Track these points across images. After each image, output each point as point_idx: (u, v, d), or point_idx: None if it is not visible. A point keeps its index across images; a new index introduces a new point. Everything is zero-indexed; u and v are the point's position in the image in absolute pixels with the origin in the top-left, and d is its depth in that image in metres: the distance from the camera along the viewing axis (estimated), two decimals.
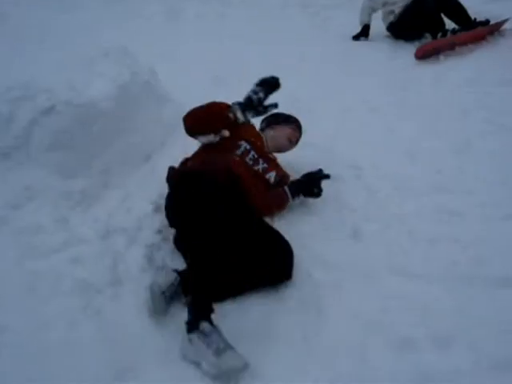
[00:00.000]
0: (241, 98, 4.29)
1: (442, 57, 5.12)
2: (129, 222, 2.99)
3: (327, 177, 3.05)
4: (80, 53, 3.77)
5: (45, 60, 3.65)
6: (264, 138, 3.27)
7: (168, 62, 4.90)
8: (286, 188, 3.04)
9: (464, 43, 5.29)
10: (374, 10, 5.96)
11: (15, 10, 6.23)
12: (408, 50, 5.28)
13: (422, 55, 5.10)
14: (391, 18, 5.74)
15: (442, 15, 5.54)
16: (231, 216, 2.49)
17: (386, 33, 5.90)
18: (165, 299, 2.38)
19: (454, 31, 5.39)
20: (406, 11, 5.56)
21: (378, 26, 5.91)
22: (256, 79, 3.13)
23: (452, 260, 2.62)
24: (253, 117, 3.14)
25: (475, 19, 5.50)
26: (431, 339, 2.21)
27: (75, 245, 2.80)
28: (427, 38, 5.49)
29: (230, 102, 3.12)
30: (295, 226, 2.92)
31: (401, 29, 5.68)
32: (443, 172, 3.34)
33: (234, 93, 4.53)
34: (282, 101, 4.34)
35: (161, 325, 2.35)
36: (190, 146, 3.75)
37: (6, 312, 2.39)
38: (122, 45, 3.96)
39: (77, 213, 3.05)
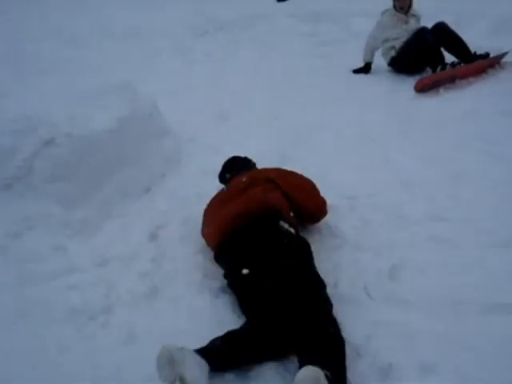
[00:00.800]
0: (241, 133, 4.44)
1: (441, 90, 5.18)
2: (125, 251, 3.04)
3: None
4: (83, 87, 3.88)
5: (49, 93, 3.79)
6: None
7: (173, 97, 5.05)
8: None
9: (464, 76, 5.35)
10: (375, 49, 6.08)
11: (30, 44, 6.43)
12: (408, 84, 5.34)
13: (422, 88, 5.17)
14: (392, 53, 5.84)
15: (442, 49, 5.62)
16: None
17: (387, 68, 6.00)
18: None
19: (453, 64, 5.46)
20: (407, 46, 5.66)
21: (380, 59, 6.02)
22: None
23: (440, 286, 2.62)
24: None
25: (475, 52, 5.57)
26: (417, 365, 2.21)
27: (71, 273, 2.89)
28: (428, 72, 5.57)
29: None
30: None
31: (402, 63, 5.77)
32: (437, 201, 3.35)
33: (235, 127, 4.68)
34: (281, 130, 4.49)
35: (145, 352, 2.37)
36: (188, 178, 3.87)
37: (1, 334, 2.44)
38: (126, 80, 4.08)
39: (75, 242, 3.13)
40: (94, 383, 2.17)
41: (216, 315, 2.58)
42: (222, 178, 3.40)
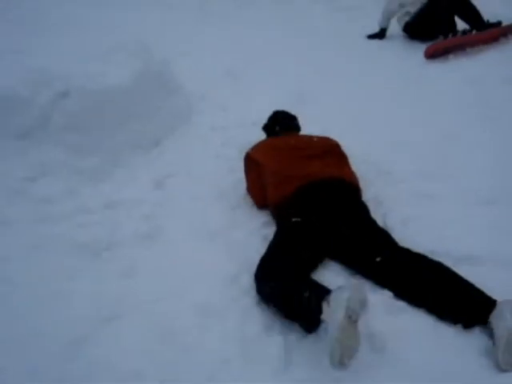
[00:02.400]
0: (250, 92, 4.61)
1: (451, 56, 5.26)
2: (131, 196, 3.29)
3: None
4: (99, 45, 4.09)
5: (65, 49, 3.97)
6: None
7: (186, 57, 5.23)
8: None
9: (475, 44, 5.41)
10: (392, 14, 6.15)
11: (52, 5, 6.61)
12: (419, 50, 5.43)
13: (431, 54, 5.26)
14: (406, 18, 5.90)
15: (456, 17, 5.69)
16: None
17: (401, 33, 6.08)
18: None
19: (464, 32, 5.52)
20: (420, 12, 5.72)
21: (394, 26, 6.11)
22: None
23: (418, 237, 2.80)
24: None
25: (488, 21, 5.63)
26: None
27: (81, 213, 3.13)
28: (440, 39, 5.64)
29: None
30: None
31: (415, 29, 5.84)
32: (427, 160, 3.50)
33: (245, 86, 4.86)
34: (289, 90, 4.65)
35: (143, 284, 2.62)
36: (197, 133, 4.08)
37: (12, 267, 2.71)
38: (139, 38, 4.27)
39: (86, 186, 3.38)
40: (94, 307, 2.42)
41: (212, 257, 2.80)
42: (272, 129, 3.53)
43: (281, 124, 3.49)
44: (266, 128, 3.59)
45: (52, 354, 2.19)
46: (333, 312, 2.04)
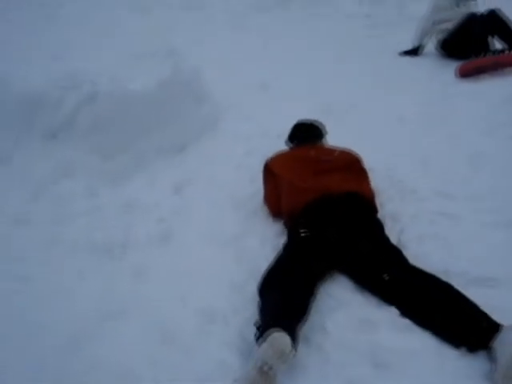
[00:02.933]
0: (278, 105, 4.63)
1: (483, 75, 5.18)
2: (149, 200, 3.33)
3: None
4: (130, 50, 4.17)
5: (97, 54, 4.07)
6: None
7: (217, 66, 5.26)
8: None
9: (509, 64, 5.31)
10: (426, 31, 6.10)
11: (96, 9, 6.78)
12: (451, 68, 5.36)
13: (463, 73, 5.18)
14: (440, 36, 5.85)
15: (495, 38, 5.61)
16: None
17: (434, 51, 6.02)
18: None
19: (497, 52, 5.43)
20: (454, 31, 5.68)
21: (430, 44, 6.07)
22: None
23: (433, 256, 2.75)
24: None
25: None
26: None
27: (98, 214, 3.18)
28: (472, 58, 5.56)
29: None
30: None
31: (448, 47, 5.76)
32: (450, 179, 3.45)
33: (274, 99, 4.88)
34: (317, 104, 4.65)
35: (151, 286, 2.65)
36: (221, 142, 4.11)
37: (29, 264, 2.78)
38: (170, 44, 4.36)
39: (106, 188, 3.45)
40: (101, 306, 2.45)
41: (222, 264, 2.81)
42: (292, 140, 3.56)
43: (298, 138, 3.51)
44: (286, 141, 3.61)
45: (55, 349, 2.23)
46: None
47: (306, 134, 3.51)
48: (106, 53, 4.07)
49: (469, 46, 5.52)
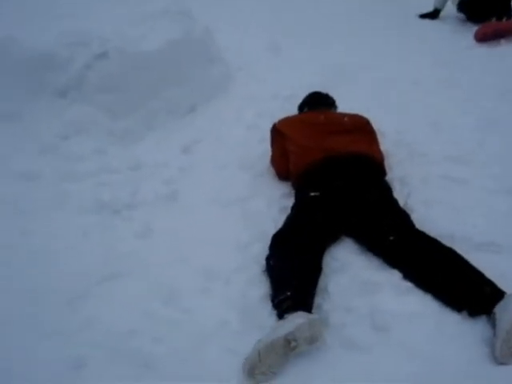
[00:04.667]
0: (289, 66, 4.56)
1: (503, 41, 5.06)
2: (157, 159, 3.33)
3: None
4: (142, 9, 4.11)
5: (108, 13, 4.02)
6: None
7: (229, 27, 5.20)
8: None
9: None
10: None
11: None
12: (470, 32, 5.26)
13: (482, 38, 5.07)
14: None
15: None
16: None
17: (456, 14, 5.88)
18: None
19: None
20: None
21: (449, 8, 5.93)
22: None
23: (439, 220, 2.74)
24: None
25: None
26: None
27: (106, 173, 3.20)
28: (493, 21, 5.42)
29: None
30: None
31: (469, 8, 5.61)
32: (461, 144, 3.41)
33: (285, 60, 4.82)
34: (330, 66, 4.59)
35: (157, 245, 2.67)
36: (232, 103, 4.08)
37: (35, 219, 2.79)
38: (184, 4, 4.28)
39: (116, 148, 3.44)
40: (103, 264, 2.48)
41: (227, 225, 2.82)
42: (301, 110, 3.52)
43: (310, 104, 3.46)
44: (298, 108, 3.57)
45: (54, 305, 2.26)
46: (281, 326, 2.01)
47: (317, 101, 3.47)
48: (116, 11, 4.00)
49: (490, 6, 5.37)
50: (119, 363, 2.00)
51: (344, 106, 3.48)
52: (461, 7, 5.74)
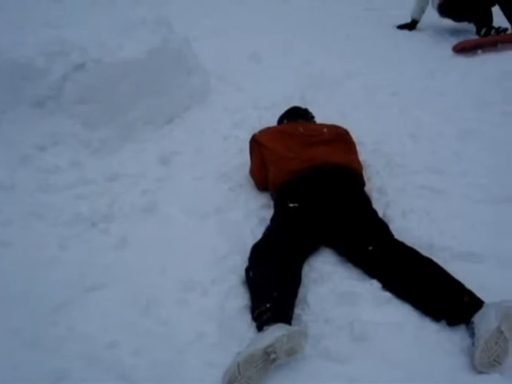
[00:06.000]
0: (269, 75, 4.57)
1: (479, 51, 5.11)
2: (135, 170, 3.31)
3: None
4: (120, 19, 4.09)
5: (86, 22, 3.99)
6: None
7: (209, 37, 5.22)
8: None
9: (507, 42, 5.23)
10: (425, 4, 6.00)
11: None
12: (449, 43, 5.32)
13: (460, 50, 5.12)
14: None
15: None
16: None
17: (435, 22, 5.91)
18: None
19: (498, 31, 5.33)
20: None
21: (426, 17, 6.00)
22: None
23: (418, 230, 2.75)
24: None
25: None
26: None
27: (83, 184, 3.16)
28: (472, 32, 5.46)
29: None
30: None
31: (450, 8, 5.60)
32: (440, 154, 3.44)
33: (264, 70, 4.82)
34: (309, 76, 4.60)
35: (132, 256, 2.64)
36: (210, 113, 4.06)
37: (11, 231, 2.75)
38: (162, 14, 4.27)
39: (92, 159, 3.40)
40: (81, 276, 2.45)
41: (204, 236, 2.79)
42: (280, 122, 3.55)
43: (289, 117, 3.48)
44: (277, 121, 3.59)
45: (35, 316, 2.23)
46: (261, 338, 2.00)
47: (296, 114, 3.50)
48: (95, 20, 3.99)
49: (471, 12, 5.40)
50: (99, 375, 1.98)
51: (323, 115, 3.48)
52: (441, 8, 5.73)
